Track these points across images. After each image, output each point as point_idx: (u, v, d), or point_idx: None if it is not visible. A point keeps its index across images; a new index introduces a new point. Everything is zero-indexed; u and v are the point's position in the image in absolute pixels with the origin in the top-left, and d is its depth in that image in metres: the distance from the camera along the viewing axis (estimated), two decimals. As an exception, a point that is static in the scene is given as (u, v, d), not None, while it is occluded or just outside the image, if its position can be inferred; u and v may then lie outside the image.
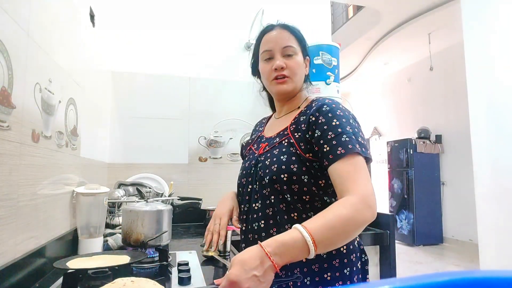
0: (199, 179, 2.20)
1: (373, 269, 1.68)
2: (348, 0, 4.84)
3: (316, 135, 0.82)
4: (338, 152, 0.77)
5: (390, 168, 6.25)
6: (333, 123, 0.81)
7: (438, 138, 5.90)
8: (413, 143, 5.80)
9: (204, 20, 2.31)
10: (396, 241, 2.79)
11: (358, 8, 5.58)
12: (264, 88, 1.05)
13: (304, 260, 0.82)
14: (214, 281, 0.66)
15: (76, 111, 1.33)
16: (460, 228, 5.45)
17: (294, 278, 0.73)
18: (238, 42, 2.35)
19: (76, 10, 1.35)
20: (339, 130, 0.80)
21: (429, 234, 5.61)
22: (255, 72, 1.04)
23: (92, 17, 1.58)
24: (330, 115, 0.83)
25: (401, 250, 5.30)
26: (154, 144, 2.15)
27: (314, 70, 1.91)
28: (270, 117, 1.10)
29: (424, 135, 5.92)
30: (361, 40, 5.72)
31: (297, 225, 0.67)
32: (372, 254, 1.69)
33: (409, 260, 4.76)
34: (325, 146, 0.80)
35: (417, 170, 5.71)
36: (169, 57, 2.23)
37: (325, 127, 0.81)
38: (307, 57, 0.97)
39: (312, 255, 0.65)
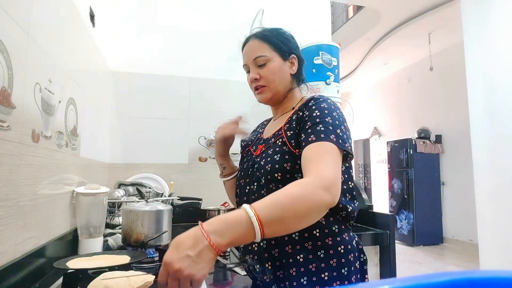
0: (199, 179, 2.20)
1: (373, 269, 1.68)
2: (348, 0, 4.84)
3: (301, 127, 0.84)
4: (309, 139, 0.78)
5: (390, 168, 6.25)
6: (314, 114, 0.83)
7: (438, 138, 5.90)
8: (413, 143, 5.80)
9: (204, 20, 2.31)
10: (396, 241, 2.80)
11: (358, 8, 5.58)
12: None
13: (300, 260, 0.82)
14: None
15: (76, 111, 1.33)
16: (460, 228, 5.45)
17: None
18: (238, 42, 2.34)
19: (76, 10, 1.34)
20: (317, 120, 0.81)
21: (429, 234, 5.61)
22: None
23: (92, 17, 1.58)
24: (314, 107, 0.84)
25: (401, 250, 5.30)
26: (154, 144, 2.14)
27: (314, 70, 1.91)
28: (271, 119, 1.11)
29: (424, 135, 5.92)
30: (361, 40, 5.72)
31: (244, 204, 0.63)
32: (372, 254, 1.69)
33: (409, 260, 4.76)
34: (302, 135, 0.81)
35: (417, 170, 5.71)
36: (169, 57, 2.23)
37: (306, 119, 0.83)
38: (293, 55, 0.95)
39: (258, 237, 0.61)
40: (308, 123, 0.81)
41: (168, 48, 2.23)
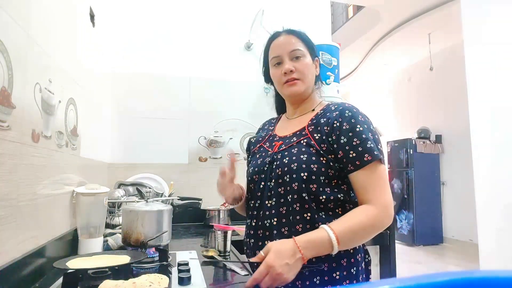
0: (199, 179, 2.20)
1: (373, 269, 1.68)
2: (348, 0, 4.84)
3: (342, 141, 0.85)
4: (365, 158, 0.82)
5: (390, 168, 6.24)
6: (357, 129, 0.85)
7: (438, 138, 5.90)
8: (413, 143, 5.80)
9: (204, 20, 2.31)
10: (396, 241, 2.79)
11: (358, 8, 5.57)
12: (277, 94, 1.09)
13: (313, 259, 0.82)
14: (249, 259, 0.80)
15: (76, 111, 1.33)
16: (460, 228, 5.45)
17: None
18: (238, 42, 2.35)
19: (76, 11, 1.35)
20: (363, 136, 0.84)
21: (429, 234, 5.61)
22: (268, 79, 1.06)
23: (92, 17, 1.58)
24: (353, 121, 0.86)
25: (401, 250, 5.30)
26: (154, 144, 2.14)
27: (314, 70, 1.91)
28: (280, 117, 1.11)
29: (424, 135, 5.91)
30: (361, 40, 5.72)
31: (325, 227, 0.77)
32: (372, 254, 1.68)
33: (409, 260, 4.76)
34: (351, 152, 0.84)
35: (417, 170, 5.71)
36: (169, 57, 2.23)
37: (350, 134, 0.85)
38: (316, 58, 1.00)
39: (335, 252, 0.77)
40: (354, 139, 0.84)
41: (168, 48, 2.23)
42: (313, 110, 0.97)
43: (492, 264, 2.57)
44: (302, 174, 0.85)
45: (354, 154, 0.83)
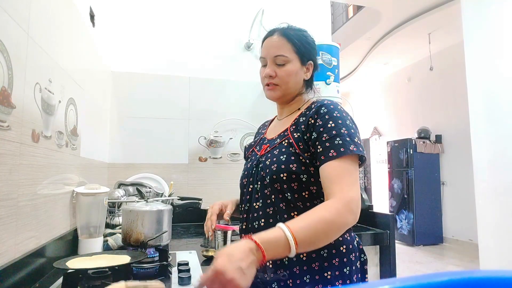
0: (199, 179, 2.20)
1: (373, 269, 1.68)
2: (348, 0, 4.84)
3: (313, 136, 0.85)
4: (330, 154, 0.80)
5: (390, 168, 6.24)
6: (329, 125, 0.83)
7: (438, 138, 5.90)
8: (413, 143, 5.80)
9: (204, 20, 2.31)
10: (396, 241, 2.79)
11: (358, 8, 5.58)
12: None
13: (304, 258, 0.82)
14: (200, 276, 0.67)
15: (76, 111, 1.33)
16: (460, 228, 5.45)
17: (280, 276, 0.74)
18: (238, 42, 2.35)
19: (76, 10, 1.35)
20: (334, 132, 0.82)
21: (429, 234, 5.61)
22: None
23: (92, 17, 1.58)
24: (327, 117, 0.85)
25: (401, 250, 5.30)
26: (154, 144, 2.14)
27: (314, 70, 1.91)
28: (273, 120, 1.12)
29: (424, 135, 5.92)
30: (361, 40, 5.72)
31: (280, 224, 0.69)
32: (372, 254, 1.68)
33: (409, 260, 4.76)
34: (319, 147, 0.82)
35: (417, 170, 5.71)
36: (169, 57, 2.23)
37: (321, 129, 0.84)
38: (310, 62, 0.96)
39: (293, 254, 0.68)
40: (324, 135, 0.82)
41: (168, 48, 2.23)
42: (299, 109, 0.97)
43: (492, 264, 2.57)
44: (281, 175, 0.85)
45: (321, 149, 0.82)
